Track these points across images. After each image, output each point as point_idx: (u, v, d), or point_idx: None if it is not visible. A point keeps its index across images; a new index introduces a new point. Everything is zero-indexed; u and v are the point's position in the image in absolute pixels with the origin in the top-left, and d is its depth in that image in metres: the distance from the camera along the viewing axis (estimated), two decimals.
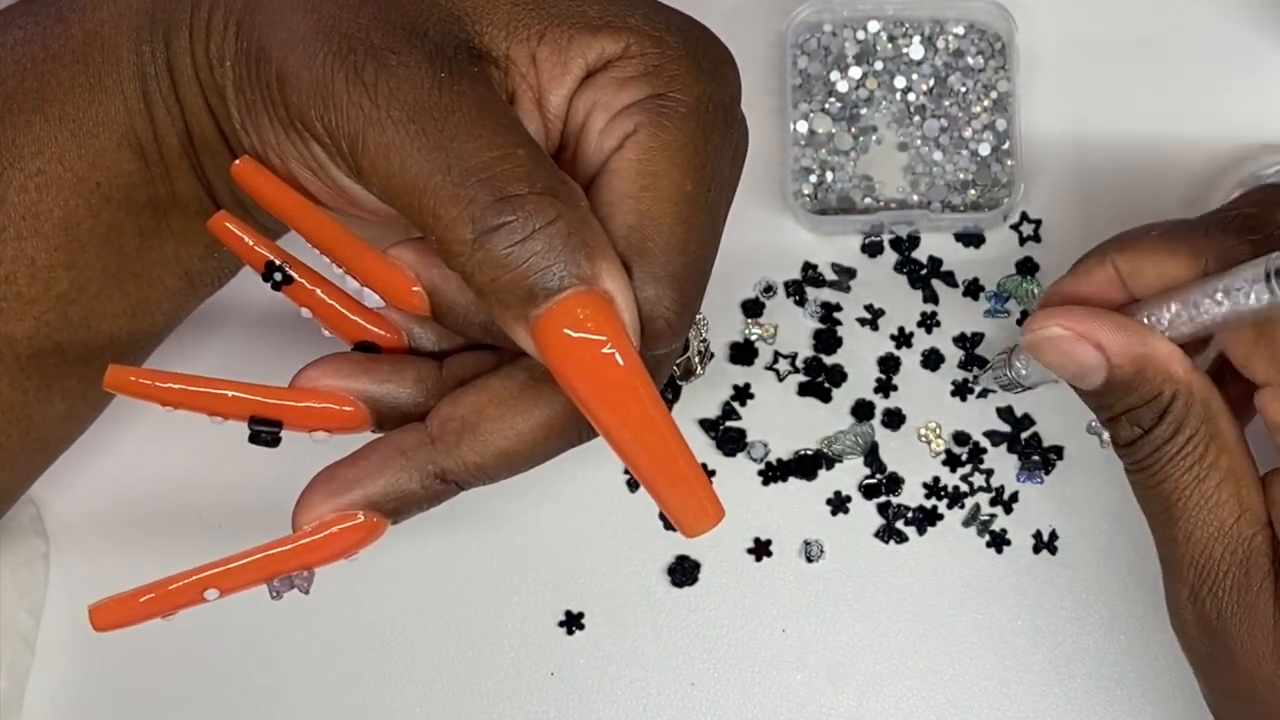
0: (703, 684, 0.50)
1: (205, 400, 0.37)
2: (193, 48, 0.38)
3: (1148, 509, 0.40)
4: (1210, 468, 0.38)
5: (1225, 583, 0.38)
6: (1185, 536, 0.39)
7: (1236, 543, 0.38)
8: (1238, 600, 0.38)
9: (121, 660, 0.50)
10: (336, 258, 0.37)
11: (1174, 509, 0.39)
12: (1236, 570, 0.38)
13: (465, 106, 0.35)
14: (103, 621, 0.37)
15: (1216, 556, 0.38)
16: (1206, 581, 0.38)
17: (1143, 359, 0.38)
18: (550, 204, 0.34)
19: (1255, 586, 0.38)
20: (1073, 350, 0.39)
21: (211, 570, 0.37)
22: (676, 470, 0.35)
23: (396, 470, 0.37)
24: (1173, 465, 0.39)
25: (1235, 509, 0.38)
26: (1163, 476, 0.39)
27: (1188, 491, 0.38)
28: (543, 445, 0.37)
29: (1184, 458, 0.38)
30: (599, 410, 0.35)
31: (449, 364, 0.39)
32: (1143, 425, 0.38)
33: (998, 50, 0.52)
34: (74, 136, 0.39)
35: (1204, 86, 0.52)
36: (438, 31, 0.36)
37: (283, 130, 0.37)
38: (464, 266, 0.34)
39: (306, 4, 0.36)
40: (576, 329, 0.34)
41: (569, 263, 0.34)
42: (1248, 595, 0.38)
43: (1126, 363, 0.38)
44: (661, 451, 0.35)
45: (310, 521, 0.37)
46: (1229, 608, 0.38)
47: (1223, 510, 0.38)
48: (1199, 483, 0.38)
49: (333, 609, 0.50)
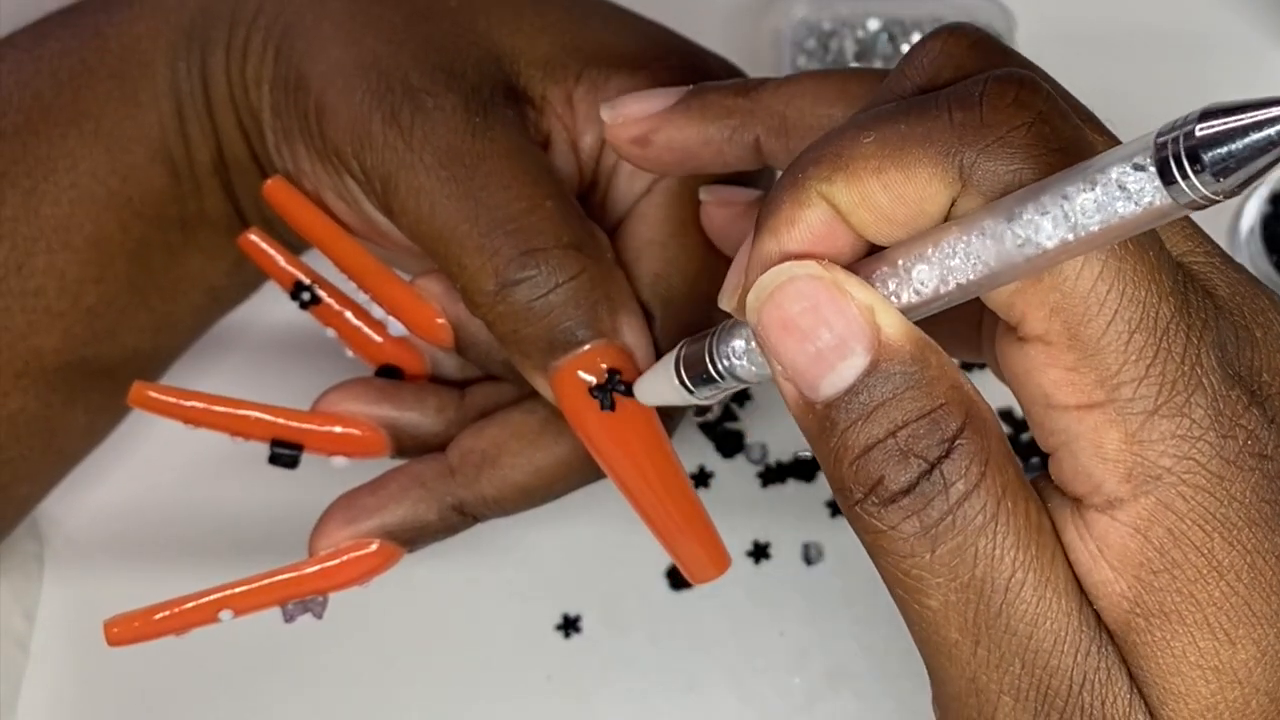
0: (701, 687, 0.49)
1: (228, 420, 0.38)
2: (229, 67, 0.39)
3: (926, 613, 0.26)
4: (1037, 531, 0.25)
5: (1078, 713, 0.25)
6: (1016, 651, 0.25)
7: (1088, 645, 0.25)
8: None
9: (115, 663, 0.50)
10: (363, 284, 0.38)
11: (992, 606, 0.25)
12: (1094, 691, 0.25)
13: (497, 154, 0.35)
14: (118, 638, 0.38)
15: (1064, 674, 0.25)
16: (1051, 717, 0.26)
17: (925, 344, 0.25)
18: (575, 258, 0.35)
19: (1124, 708, 0.26)
20: (830, 311, 0.25)
21: (227, 591, 0.38)
22: (687, 521, 0.36)
23: (415, 500, 0.38)
24: (990, 534, 0.25)
25: (1075, 595, 0.25)
26: (972, 554, 0.25)
27: (1020, 575, 0.25)
28: (561, 481, 0.38)
29: (1006, 519, 0.25)
30: (614, 461, 0.36)
31: (470, 394, 0.40)
32: (928, 458, 0.25)
33: None
34: (108, 151, 0.40)
35: (1204, 85, 0.52)
36: (475, 73, 0.36)
37: (319, 160, 0.37)
38: (486, 315, 0.35)
39: (348, 37, 0.37)
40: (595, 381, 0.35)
41: (590, 317, 0.35)
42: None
43: (908, 344, 0.25)
44: (673, 503, 0.36)
45: (327, 547, 0.38)
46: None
47: (1065, 601, 0.25)
48: (1035, 561, 0.25)
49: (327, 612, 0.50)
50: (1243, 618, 0.25)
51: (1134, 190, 0.22)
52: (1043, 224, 0.23)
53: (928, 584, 0.25)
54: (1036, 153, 0.24)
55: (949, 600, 0.25)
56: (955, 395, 0.25)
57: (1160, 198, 0.22)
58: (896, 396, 0.25)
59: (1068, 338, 0.25)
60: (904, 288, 0.25)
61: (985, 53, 0.27)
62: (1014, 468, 0.26)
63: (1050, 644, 0.25)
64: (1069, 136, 0.25)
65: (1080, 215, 0.23)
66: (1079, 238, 0.23)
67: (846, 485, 0.25)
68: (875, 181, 0.25)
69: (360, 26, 0.37)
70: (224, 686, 0.50)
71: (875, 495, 0.25)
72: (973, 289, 0.25)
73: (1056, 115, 0.25)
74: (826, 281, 0.25)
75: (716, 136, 0.32)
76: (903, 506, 0.25)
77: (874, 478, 0.25)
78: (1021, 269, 0.24)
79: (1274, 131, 0.21)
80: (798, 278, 0.25)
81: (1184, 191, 0.22)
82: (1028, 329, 0.25)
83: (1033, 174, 0.24)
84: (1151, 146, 0.22)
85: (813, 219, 0.26)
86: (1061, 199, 0.23)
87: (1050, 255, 0.23)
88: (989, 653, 0.25)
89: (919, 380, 0.25)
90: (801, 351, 0.25)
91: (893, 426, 0.25)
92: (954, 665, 0.26)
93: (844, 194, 0.25)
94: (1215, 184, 0.21)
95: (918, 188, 0.25)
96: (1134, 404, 0.25)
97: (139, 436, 0.50)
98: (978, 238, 0.24)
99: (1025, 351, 0.25)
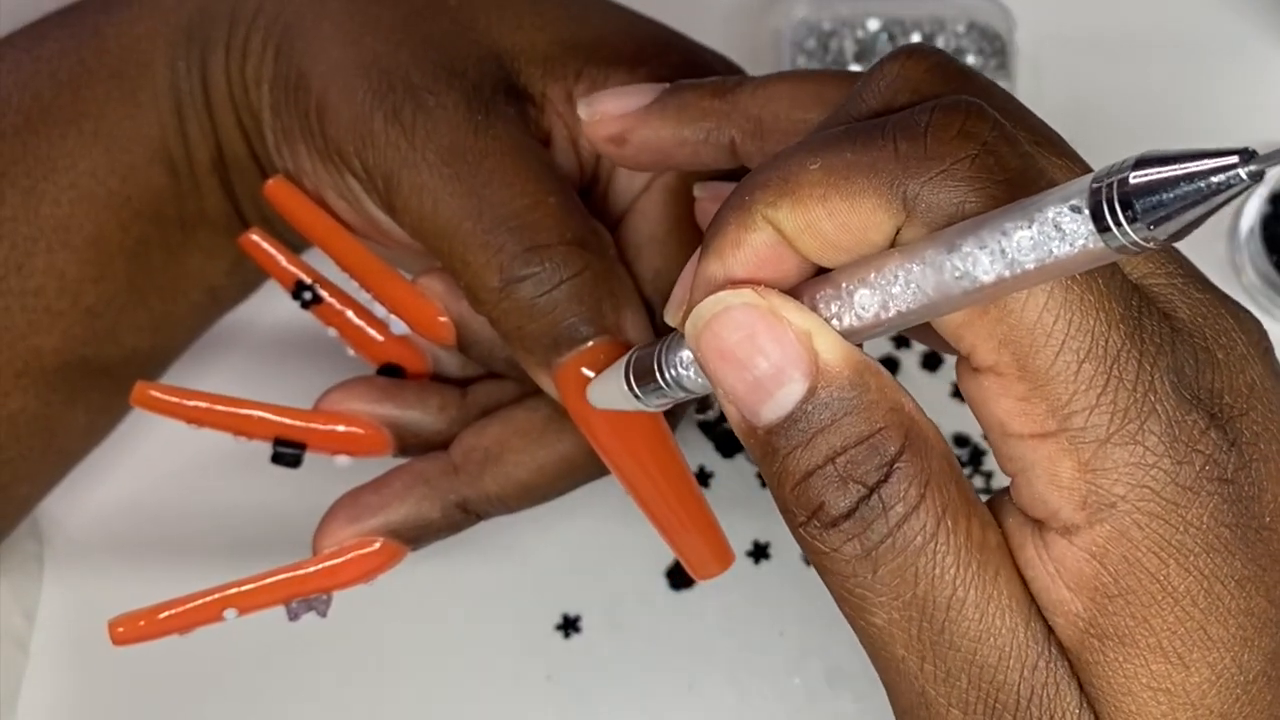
0: (701, 687, 0.49)
1: (231, 420, 0.38)
2: (229, 67, 0.39)
3: (872, 630, 0.26)
4: (980, 549, 0.25)
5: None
6: (962, 666, 0.25)
7: (1035, 660, 0.26)
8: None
9: (115, 663, 0.50)
10: (365, 283, 0.38)
11: (935, 623, 0.25)
12: (1042, 705, 0.26)
13: (499, 151, 0.35)
14: (123, 637, 0.38)
15: (1010, 688, 0.26)
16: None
17: (864, 368, 0.25)
18: (578, 254, 0.35)
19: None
20: (767, 340, 0.25)
21: (232, 590, 0.38)
22: (691, 517, 0.36)
23: (419, 498, 0.38)
24: (929, 553, 0.25)
25: (1024, 610, 0.26)
26: (914, 574, 0.25)
27: (961, 593, 0.25)
28: (565, 479, 0.38)
29: (946, 538, 0.25)
30: (618, 458, 0.36)
31: (472, 392, 0.40)
32: (867, 483, 0.25)
33: (997, 49, 0.51)
34: (107, 151, 0.40)
35: (1204, 85, 0.52)
36: (476, 71, 0.37)
37: (320, 159, 0.37)
38: (490, 312, 0.36)
39: (347, 36, 0.37)
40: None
41: (594, 313, 0.35)
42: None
43: (846, 369, 0.25)
44: (677, 499, 0.36)
45: (331, 546, 0.38)
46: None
47: (1010, 616, 0.25)
48: (977, 578, 0.25)
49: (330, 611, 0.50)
50: (1197, 642, 0.25)
51: (1069, 231, 0.22)
52: (981, 258, 0.23)
53: (871, 602, 0.26)
54: (980, 185, 0.24)
55: (893, 618, 0.26)
56: (894, 418, 0.25)
57: (1094, 241, 0.22)
58: (835, 422, 0.25)
59: (1017, 369, 0.25)
60: (846, 311, 0.25)
61: (943, 76, 0.27)
62: (956, 486, 0.26)
63: (995, 659, 0.25)
64: (1015, 167, 0.25)
65: (1016, 252, 0.23)
66: (1015, 275, 0.23)
67: (790, 508, 0.26)
68: (820, 209, 0.25)
69: (360, 26, 0.37)
70: (224, 685, 0.50)
71: (817, 519, 0.25)
72: (914, 317, 0.25)
73: (1003, 144, 0.25)
74: (763, 309, 0.25)
75: (692, 138, 0.32)
76: (844, 530, 0.25)
77: (815, 503, 0.25)
78: (960, 301, 0.24)
79: (1204, 184, 0.21)
80: (733, 307, 0.25)
81: (1116, 237, 0.21)
82: (978, 360, 0.25)
83: (977, 205, 0.24)
84: (1087, 190, 0.22)
85: (758, 242, 0.26)
86: (1000, 235, 0.23)
87: (987, 290, 0.23)
88: (935, 668, 0.26)
89: (857, 405, 0.25)
90: (740, 380, 0.25)
91: (831, 453, 0.25)
92: (903, 680, 0.26)
93: (789, 219, 0.25)
94: (1147, 231, 0.21)
95: (862, 216, 0.25)
96: (1086, 433, 0.25)
97: (139, 436, 0.50)
98: (918, 267, 0.24)
99: (979, 381, 0.25)
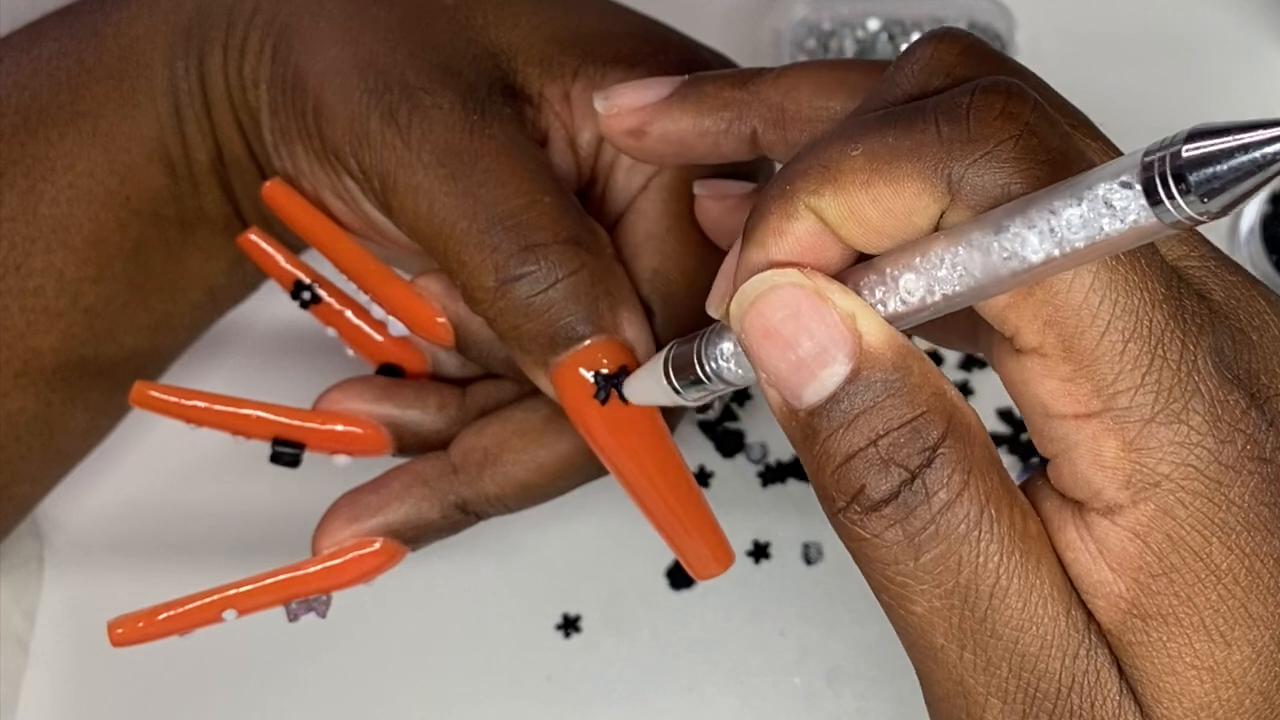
0: (701, 687, 0.49)
1: (230, 420, 0.38)
2: (227, 67, 0.39)
3: (912, 619, 0.26)
4: (1022, 538, 0.25)
5: (1066, 715, 0.26)
6: (1003, 655, 0.25)
7: (1076, 648, 0.25)
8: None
9: (115, 663, 0.50)
10: (363, 284, 0.38)
11: (977, 611, 0.25)
12: (1083, 693, 0.25)
13: (495, 151, 0.35)
14: (122, 638, 0.38)
15: (1052, 676, 0.25)
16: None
17: (907, 351, 0.25)
18: (574, 253, 0.35)
19: (1113, 709, 0.26)
20: (812, 320, 0.25)
21: (231, 591, 0.38)
22: (690, 517, 0.36)
23: (418, 499, 0.38)
24: (973, 541, 0.25)
25: (1064, 598, 0.26)
26: (956, 562, 0.25)
27: (1004, 582, 0.25)
28: (564, 478, 0.38)
29: (990, 527, 0.25)
30: (616, 457, 0.36)
31: (471, 391, 0.40)
32: (909, 467, 0.25)
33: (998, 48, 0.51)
34: (106, 151, 0.40)
35: (1204, 85, 0.52)
36: (472, 70, 0.37)
37: (317, 160, 0.37)
38: (487, 312, 0.36)
39: (344, 36, 0.37)
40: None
41: (590, 312, 0.35)
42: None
43: (890, 351, 0.25)
44: (676, 499, 0.36)
45: (330, 546, 0.38)
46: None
47: (1052, 605, 0.25)
48: (1020, 567, 0.25)
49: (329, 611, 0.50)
50: (1239, 620, 0.25)
51: (1120, 208, 0.22)
52: (1029, 238, 0.23)
53: (912, 590, 0.25)
54: (1024, 166, 0.24)
55: (934, 606, 0.25)
56: (937, 403, 0.25)
57: (1146, 217, 0.22)
58: (878, 404, 0.25)
59: (1062, 349, 0.25)
60: (891, 296, 0.25)
61: (976, 59, 0.27)
62: (998, 474, 0.26)
63: (1037, 648, 0.25)
64: (1057, 147, 0.25)
65: (1066, 231, 0.23)
66: (1064, 253, 0.23)
67: (829, 493, 0.26)
68: (863, 195, 0.25)
69: (357, 26, 0.37)
70: (224, 685, 0.50)
71: (858, 503, 0.25)
72: (960, 300, 0.25)
73: (1044, 125, 0.25)
74: (808, 289, 0.25)
75: (713, 128, 0.32)
76: (885, 515, 0.25)
77: (856, 486, 0.25)
78: (1008, 283, 0.24)
79: (1260, 154, 0.20)
80: (780, 286, 0.25)
81: (1169, 211, 0.21)
82: (1022, 341, 0.25)
83: (1021, 187, 0.24)
84: (1139, 165, 0.22)
85: (800, 231, 0.26)
86: (1049, 213, 0.23)
87: (1036, 270, 0.23)
88: (975, 657, 0.26)
89: (900, 388, 0.25)
90: (784, 359, 0.25)
91: (874, 435, 0.25)
92: (941, 669, 0.26)
93: (832, 207, 0.25)
94: (1201, 205, 0.21)
95: (906, 201, 0.25)
96: (1131, 412, 0.25)
97: (139, 436, 0.50)
98: (965, 249, 0.24)
99: (1021, 363, 0.25)
